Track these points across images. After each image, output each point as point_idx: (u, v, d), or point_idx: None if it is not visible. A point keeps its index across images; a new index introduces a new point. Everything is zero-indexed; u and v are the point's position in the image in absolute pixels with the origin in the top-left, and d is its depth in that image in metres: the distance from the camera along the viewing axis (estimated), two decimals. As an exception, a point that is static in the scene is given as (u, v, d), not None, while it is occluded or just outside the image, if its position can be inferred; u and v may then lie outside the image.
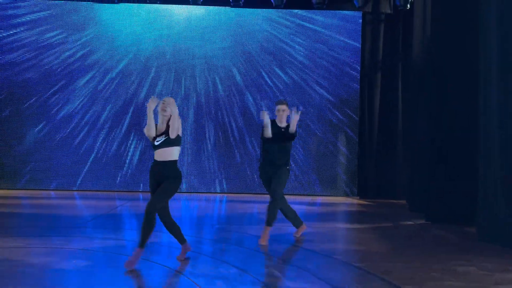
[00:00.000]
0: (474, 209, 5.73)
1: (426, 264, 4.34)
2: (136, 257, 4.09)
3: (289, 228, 5.64)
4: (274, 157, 5.24)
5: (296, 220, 5.40)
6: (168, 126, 4.43)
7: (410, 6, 8.07)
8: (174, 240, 4.49)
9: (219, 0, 8.36)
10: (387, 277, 3.84)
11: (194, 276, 3.74)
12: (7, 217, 6.44)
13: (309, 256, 4.56)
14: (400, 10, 8.59)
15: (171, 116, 4.39)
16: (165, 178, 4.35)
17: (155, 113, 4.55)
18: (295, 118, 5.20)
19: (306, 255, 4.62)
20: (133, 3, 8.87)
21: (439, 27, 6.70)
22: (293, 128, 5.17)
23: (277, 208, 5.15)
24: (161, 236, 5.20)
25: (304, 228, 5.48)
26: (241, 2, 8.10)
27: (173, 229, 4.39)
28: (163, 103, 4.44)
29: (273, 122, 5.46)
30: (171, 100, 4.46)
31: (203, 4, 8.26)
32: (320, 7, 8.14)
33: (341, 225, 6.52)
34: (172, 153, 4.42)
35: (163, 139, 4.40)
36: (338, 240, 5.39)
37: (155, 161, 4.44)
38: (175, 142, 4.42)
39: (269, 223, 5.05)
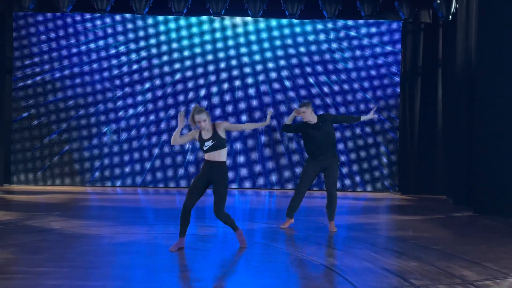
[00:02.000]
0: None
1: (491, 247, 5.15)
2: (242, 238, 4.92)
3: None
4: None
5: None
6: (214, 130, 4.88)
7: (451, 16, 8.84)
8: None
9: (276, 13, 9.15)
10: (466, 256, 4.66)
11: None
12: (106, 210, 7.28)
13: (390, 240, 5.39)
14: (441, 19, 9.39)
15: (215, 124, 4.87)
16: (214, 177, 4.86)
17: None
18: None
19: (387, 240, 5.44)
20: (193, 15, 9.67)
21: (483, 35, 7.50)
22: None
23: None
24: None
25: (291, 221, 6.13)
26: (296, 15, 8.90)
27: (188, 220, 4.89)
28: (199, 123, 4.78)
29: (305, 123, 6.04)
30: (203, 113, 4.81)
31: (262, 16, 9.07)
32: (369, 17, 8.95)
33: (398, 217, 7.33)
34: (221, 155, 4.90)
35: (211, 143, 4.85)
36: (405, 229, 6.20)
37: (207, 161, 4.91)
38: (221, 145, 4.89)
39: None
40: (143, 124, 10.32)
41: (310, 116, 5.96)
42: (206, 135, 4.90)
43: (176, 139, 4.91)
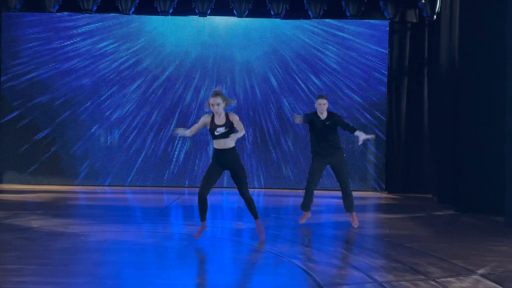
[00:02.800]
0: (502, 199, 6.55)
1: (465, 244, 5.19)
2: (260, 228, 5.05)
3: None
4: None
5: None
6: (227, 118, 4.94)
7: (436, 16, 8.87)
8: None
9: (261, 13, 9.20)
10: (437, 254, 4.69)
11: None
12: (89, 209, 7.32)
13: (364, 238, 5.42)
14: (426, 19, 9.42)
15: (229, 114, 4.95)
16: (230, 163, 5.00)
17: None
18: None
19: (361, 237, 5.48)
20: (183, 15, 9.70)
21: (465, 35, 7.53)
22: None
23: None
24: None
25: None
26: (281, 15, 8.94)
27: (206, 207, 5.07)
28: (213, 106, 4.89)
29: (315, 114, 6.24)
30: (218, 97, 4.89)
31: (247, 16, 9.11)
32: (354, 17, 8.98)
33: (380, 215, 7.37)
34: (231, 142, 5.01)
35: (223, 131, 4.91)
36: (383, 227, 6.23)
37: (217, 150, 5.01)
38: (234, 130, 4.96)
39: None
40: (131, 124, 10.35)
41: (325, 110, 6.19)
42: (219, 121, 4.94)
43: (187, 135, 5.15)
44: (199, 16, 9.10)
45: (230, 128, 4.94)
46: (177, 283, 3.76)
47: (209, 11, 9.00)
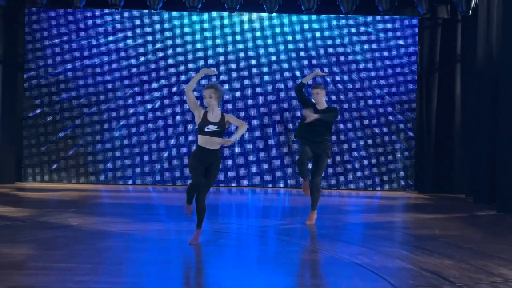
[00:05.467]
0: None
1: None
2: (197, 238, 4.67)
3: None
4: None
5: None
6: (221, 118, 4.73)
7: (472, 12, 8.66)
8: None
9: (291, 8, 9.01)
10: (502, 255, 4.48)
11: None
12: (121, 207, 7.14)
13: (417, 238, 5.22)
14: (458, 14, 9.21)
15: (225, 114, 4.75)
16: (212, 163, 4.72)
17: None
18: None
19: (414, 238, 5.27)
20: (207, 11, 9.53)
21: (506, 30, 7.32)
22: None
23: None
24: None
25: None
26: (313, 10, 8.75)
27: (203, 212, 4.74)
28: (205, 98, 4.72)
29: (314, 105, 6.09)
30: (211, 89, 4.74)
31: (278, 12, 8.92)
32: (387, 13, 8.79)
33: (419, 215, 7.14)
34: (218, 143, 4.71)
35: (215, 129, 4.67)
36: (429, 227, 6.02)
37: (203, 148, 4.70)
38: (223, 134, 4.77)
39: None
40: (155, 122, 10.18)
41: (322, 100, 6.05)
42: (212, 118, 4.76)
43: (191, 84, 4.84)
44: (229, 12, 8.91)
45: (222, 129, 4.75)
46: (237, 283, 3.57)
47: (239, 6, 8.81)
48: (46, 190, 8.85)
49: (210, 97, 4.73)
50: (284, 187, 10.11)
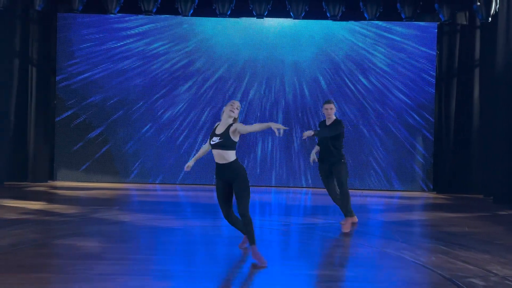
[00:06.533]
0: None
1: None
2: (257, 254, 4.24)
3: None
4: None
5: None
6: (227, 128, 4.44)
7: (491, 19, 9.00)
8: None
9: (317, 14, 9.35)
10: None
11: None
12: (159, 205, 7.49)
13: (450, 235, 5.56)
14: (477, 21, 9.55)
15: (233, 122, 4.48)
16: (231, 179, 4.44)
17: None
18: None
19: (447, 235, 5.62)
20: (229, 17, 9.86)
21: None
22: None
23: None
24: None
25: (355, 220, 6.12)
26: (338, 16, 9.10)
27: (238, 225, 4.53)
28: (232, 106, 4.50)
29: (323, 122, 6.20)
30: (239, 105, 4.52)
31: (304, 18, 9.26)
32: (409, 19, 9.14)
33: (444, 214, 7.48)
34: (229, 156, 4.45)
35: (217, 140, 4.42)
36: (457, 225, 6.36)
37: (217, 164, 4.50)
38: (231, 146, 4.43)
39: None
40: (182, 123, 10.54)
41: (331, 115, 6.11)
42: (219, 129, 4.53)
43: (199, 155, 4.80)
44: (257, 18, 9.26)
45: (224, 140, 4.42)
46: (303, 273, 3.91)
47: (266, 12, 9.16)
48: (80, 188, 9.21)
49: (238, 109, 4.55)
50: (306, 187, 10.46)
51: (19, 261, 4.03)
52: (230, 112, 4.47)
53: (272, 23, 10.36)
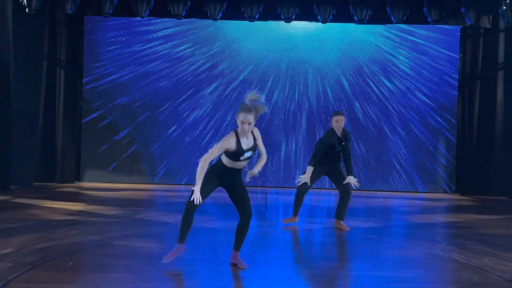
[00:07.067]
0: None
1: None
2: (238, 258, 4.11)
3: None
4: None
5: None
6: (254, 139, 4.16)
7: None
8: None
9: (344, 18, 9.46)
10: None
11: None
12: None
13: (492, 237, 5.66)
14: (500, 24, 9.66)
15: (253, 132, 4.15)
16: (237, 183, 4.23)
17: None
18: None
19: (490, 237, 5.72)
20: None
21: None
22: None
23: None
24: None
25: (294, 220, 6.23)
26: (365, 20, 9.21)
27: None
28: (243, 123, 3.99)
29: (332, 134, 6.08)
30: (251, 114, 3.98)
31: (331, 21, 9.38)
32: (436, 23, 9.25)
33: (474, 216, 7.58)
34: None
35: (250, 155, 4.13)
36: (493, 227, 6.47)
37: (230, 168, 4.14)
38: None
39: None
40: (207, 125, 10.66)
41: (342, 127, 6.09)
42: (246, 144, 4.10)
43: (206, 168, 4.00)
44: (285, 21, 9.37)
45: (254, 152, 4.19)
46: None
47: (294, 16, 9.27)
48: (109, 189, 9.33)
49: (249, 124, 4.03)
50: (329, 189, 10.57)
51: (88, 260, 4.18)
52: (243, 130, 4.01)
53: (296, 26, 10.47)
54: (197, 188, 3.98)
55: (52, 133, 10.15)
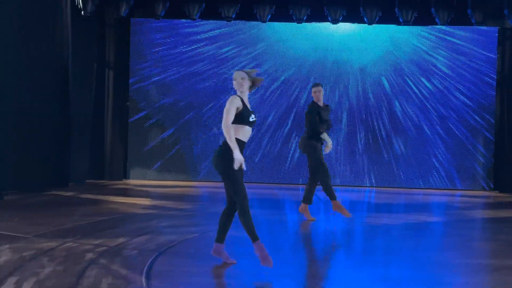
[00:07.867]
0: None
1: None
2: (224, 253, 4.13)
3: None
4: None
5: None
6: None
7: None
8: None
9: (390, 19, 9.70)
10: None
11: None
12: (256, 202, 7.83)
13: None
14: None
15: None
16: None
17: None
18: None
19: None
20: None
21: None
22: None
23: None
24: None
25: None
26: (410, 22, 9.46)
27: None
28: (235, 79, 4.25)
29: (315, 105, 6.56)
30: (243, 72, 4.26)
31: (377, 23, 9.63)
32: (480, 24, 9.49)
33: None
34: None
35: (254, 118, 4.28)
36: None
37: (243, 142, 4.14)
38: None
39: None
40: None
41: (321, 97, 6.54)
42: (248, 105, 4.32)
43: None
44: (332, 23, 9.63)
45: (255, 114, 4.36)
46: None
47: (341, 18, 9.53)
48: (159, 186, 9.59)
49: (243, 79, 4.36)
50: (369, 186, 10.80)
51: (199, 250, 4.39)
52: (239, 84, 4.24)
53: (337, 27, 10.72)
54: (236, 153, 3.94)
55: (101, 132, 10.43)
